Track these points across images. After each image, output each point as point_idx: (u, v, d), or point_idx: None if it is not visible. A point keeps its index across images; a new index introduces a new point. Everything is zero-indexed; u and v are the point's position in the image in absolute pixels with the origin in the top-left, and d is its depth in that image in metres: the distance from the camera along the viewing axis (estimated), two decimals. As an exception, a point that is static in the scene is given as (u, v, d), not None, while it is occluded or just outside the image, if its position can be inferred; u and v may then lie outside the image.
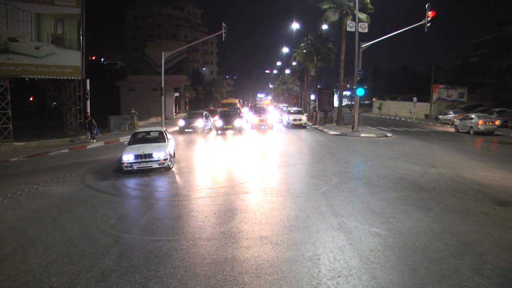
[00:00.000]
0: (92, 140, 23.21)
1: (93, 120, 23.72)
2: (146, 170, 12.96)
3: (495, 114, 34.57)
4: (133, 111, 29.09)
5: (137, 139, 14.70)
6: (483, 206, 8.79)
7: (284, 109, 48.19)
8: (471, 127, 27.62)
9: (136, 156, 12.70)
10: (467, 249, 6.31)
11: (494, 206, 8.76)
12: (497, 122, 27.93)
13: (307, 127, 32.46)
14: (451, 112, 38.95)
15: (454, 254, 6.11)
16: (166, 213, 8.88)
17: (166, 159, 12.96)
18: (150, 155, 12.83)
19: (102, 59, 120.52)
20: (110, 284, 5.34)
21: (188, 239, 6.93)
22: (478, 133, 26.88)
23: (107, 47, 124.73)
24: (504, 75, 43.87)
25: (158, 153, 12.90)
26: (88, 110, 25.74)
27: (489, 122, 27.12)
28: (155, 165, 12.84)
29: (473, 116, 28.35)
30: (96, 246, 6.71)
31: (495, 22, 50.04)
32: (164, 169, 13.20)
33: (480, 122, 27.00)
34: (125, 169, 12.60)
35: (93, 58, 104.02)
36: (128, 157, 12.58)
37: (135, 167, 12.67)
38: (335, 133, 27.01)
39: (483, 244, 6.56)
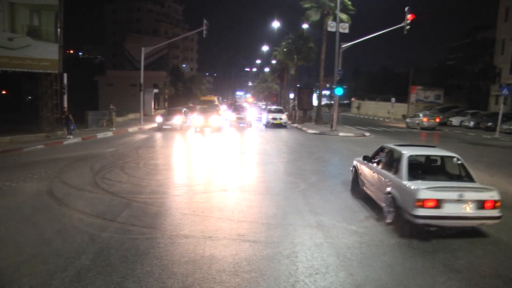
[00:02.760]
0: (69, 136, 22.67)
1: (70, 115, 23.14)
2: None
3: (469, 116, 36.03)
4: (111, 107, 28.54)
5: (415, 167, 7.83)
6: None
7: (263, 107, 48.11)
8: (418, 123, 32.51)
9: None
10: (440, 246, 6.51)
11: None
12: (438, 120, 33.43)
13: (287, 126, 32.46)
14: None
15: (428, 251, 6.30)
16: (143, 211, 8.74)
17: None
18: None
19: (80, 53, 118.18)
20: (85, 284, 5.21)
21: (166, 237, 6.85)
22: (423, 129, 31.74)
23: (86, 41, 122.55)
24: (477, 78, 45.23)
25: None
26: (65, 105, 25.09)
27: (431, 120, 32.45)
28: None
29: (420, 114, 33.70)
30: (72, 245, 6.52)
31: (471, 27, 51.62)
32: None
33: (425, 119, 32.23)
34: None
35: (71, 52, 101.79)
36: None
37: None
38: (314, 132, 27.19)
39: (456, 241, 6.76)
